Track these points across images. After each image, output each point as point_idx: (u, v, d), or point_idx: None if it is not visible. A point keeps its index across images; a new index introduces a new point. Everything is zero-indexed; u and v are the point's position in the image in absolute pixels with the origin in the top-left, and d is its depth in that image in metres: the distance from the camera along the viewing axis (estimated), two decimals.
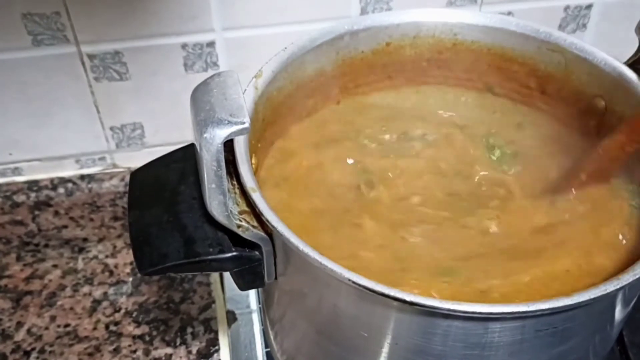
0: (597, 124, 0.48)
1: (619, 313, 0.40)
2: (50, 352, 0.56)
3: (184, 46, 0.62)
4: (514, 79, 0.51)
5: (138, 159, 0.69)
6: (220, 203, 0.37)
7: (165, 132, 0.68)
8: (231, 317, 0.59)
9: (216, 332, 0.57)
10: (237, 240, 0.39)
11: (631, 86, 0.45)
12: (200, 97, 0.37)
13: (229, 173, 0.39)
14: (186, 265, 0.39)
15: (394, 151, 0.50)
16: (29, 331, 0.58)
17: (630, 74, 0.45)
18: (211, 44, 0.63)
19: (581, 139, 0.49)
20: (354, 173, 0.48)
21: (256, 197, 0.38)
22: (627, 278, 0.35)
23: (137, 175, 0.44)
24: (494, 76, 0.52)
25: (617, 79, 0.46)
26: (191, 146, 0.43)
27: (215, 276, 0.62)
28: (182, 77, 0.64)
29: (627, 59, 0.47)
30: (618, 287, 0.35)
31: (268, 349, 0.56)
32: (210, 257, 0.39)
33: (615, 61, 0.46)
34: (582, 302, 0.34)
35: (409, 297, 0.34)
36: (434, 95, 0.54)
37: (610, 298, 0.37)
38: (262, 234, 0.39)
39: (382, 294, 0.34)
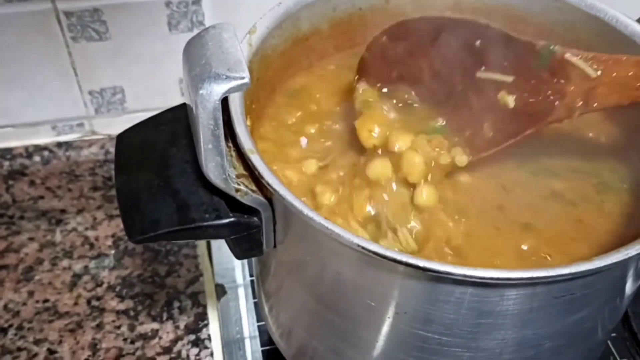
0: None
1: (632, 282, 0.39)
2: (28, 328, 0.54)
3: (167, 4, 0.61)
4: None
5: (118, 125, 0.66)
6: (217, 165, 0.35)
7: (148, 96, 0.67)
8: (220, 291, 0.57)
9: (204, 307, 0.56)
10: (233, 205, 0.38)
11: None
12: (194, 51, 0.35)
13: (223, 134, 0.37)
14: (180, 232, 0.37)
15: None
16: (5, 307, 0.56)
17: None
18: (197, 2, 0.61)
19: None
20: None
21: (255, 159, 0.37)
22: None
23: (124, 138, 0.42)
24: None
25: (629, 37, 0.44)
26: (181, 107, 0.42)
27: (202, 249, 0.61)
28: (165, 37, 0.63)
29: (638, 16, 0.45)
30: None
31: (261, 323, 0.54)
32: (206, 223, 0.37)
33: (628, 18, 0.44)
34: (604, 266, 0.33)
35: (421, 263, 0.33)
36: None
37: (630, 263, 0.36)
38: (262, 198, 0.37)
39: (393, 260, 0.33)
